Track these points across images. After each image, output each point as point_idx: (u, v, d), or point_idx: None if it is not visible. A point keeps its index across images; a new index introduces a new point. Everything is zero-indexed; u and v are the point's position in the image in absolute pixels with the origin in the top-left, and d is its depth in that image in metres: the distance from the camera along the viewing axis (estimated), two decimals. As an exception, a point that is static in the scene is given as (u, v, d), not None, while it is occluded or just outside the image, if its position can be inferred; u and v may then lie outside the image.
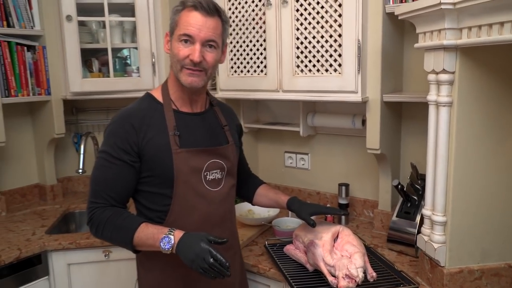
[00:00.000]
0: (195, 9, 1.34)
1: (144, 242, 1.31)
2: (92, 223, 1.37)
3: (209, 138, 1.47)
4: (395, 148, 2.04)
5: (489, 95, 1.37)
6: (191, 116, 1.46)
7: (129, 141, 1.35)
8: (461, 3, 1.20)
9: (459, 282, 1.43)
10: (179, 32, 1.35)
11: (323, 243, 1.53)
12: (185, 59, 1.35)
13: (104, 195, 1.37)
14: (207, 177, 1.45)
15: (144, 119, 1.38)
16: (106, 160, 1.37)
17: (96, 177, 1.39)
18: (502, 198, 1.43)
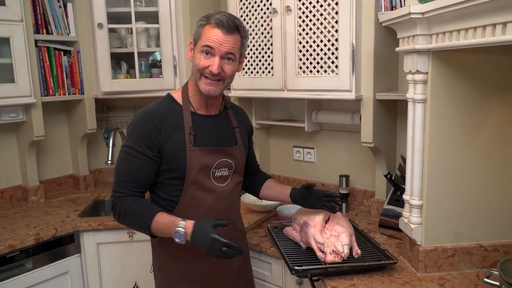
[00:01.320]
0: (217, 26, 1.47)
1: (160, 231, 1.49)
2: (115, 210, 1.53)
3: (221, 138, 1.64)
4: (391, 143, 2.21)
5: (459, 93, 1.54)
6: (206, 118, 1.62)
7: (151, 138, 1.51)
8: (428, 12, 1.38)
9: (434, 259, 1.61)
10: (202, 44, 1.49)
11: (315, 224, 1.73)
12: (204, 69, 1.50)
13: (127, 185, 1.52)
14: (216, 174, 1.61)
15: (165, 118, 1.53)
16: (130, 154, 1.52)
17: (120, 169, 1.55)
18: (472, 185, 1.60)
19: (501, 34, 1.10)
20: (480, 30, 1.19)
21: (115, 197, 1.54)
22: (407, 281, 1.56)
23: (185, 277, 1.63)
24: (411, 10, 1.40)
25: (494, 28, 1.13)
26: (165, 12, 2.70)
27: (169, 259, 1.64)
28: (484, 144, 1.59)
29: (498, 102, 1.57)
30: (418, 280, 1.57)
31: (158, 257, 1.68)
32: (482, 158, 1.59)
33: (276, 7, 2.15)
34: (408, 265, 1.68)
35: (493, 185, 1.61)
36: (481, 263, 1.63)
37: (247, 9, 2.32)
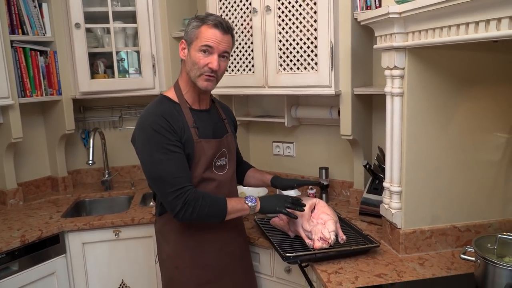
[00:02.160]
0: (215, 27, 1.59)
1: (234, 208, 1.63)
2: (188, 204, 1.55)
3: (216, 130, 1.75)
4: (367, 135, 2.34)
5: (433, 86, 1.67)
6: (201, 112, 1.73)
7: (172, 133, 1.58)
8: (405, 12, 1.49)
9: (413, 241, 1.73)
10: (200, 43, 1.59)
11: (302, 213, 1.82)
12: (204, 67, 1.60)
13: (184, 178, 1.57)
14: (216, 164, 1.73)
15: (172, 117, 1.61)
16: (166, 153, 1.56)
17: (166, 170, 1.56)
18: (446, 172, 1.74)
19: (474, 32, 1.22)
20: (454, 28, 1.30)
21: (182, 194, 1.55)
22: (389, 262, 1.68)
23: (193, 263, 1.73)
24: (389, 10, 1.51)
25: (467, 26, 1.25)
26: (143, 12, 2.73)
27: (178, 247, 1.73)
28: (455, 133, 1.72)
29: (467, 95, 1.71)
30: (399, 260, 1.69)
31: (167, 246, 1.76)
32: (454, 146, 1.73)
33: (256, 7, 2.23)
34: (389, 248, 1.80)
35: (464, 171, 1.75)
36: (455, 243, 1.77)
37: (226, 9, 2.38)
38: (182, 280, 1.73)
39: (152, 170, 1.60)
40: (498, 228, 1.77)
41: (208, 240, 1.73)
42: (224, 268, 1.79)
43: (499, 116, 1.74)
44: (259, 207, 1.69)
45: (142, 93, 2.83)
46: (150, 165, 1.59)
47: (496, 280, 1.35)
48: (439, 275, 1.57)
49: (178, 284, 1.75)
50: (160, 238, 1.80)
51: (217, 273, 1.77)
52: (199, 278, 1.74)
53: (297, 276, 1.93)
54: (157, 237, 1.83)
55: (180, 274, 1.74)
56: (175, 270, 1.75)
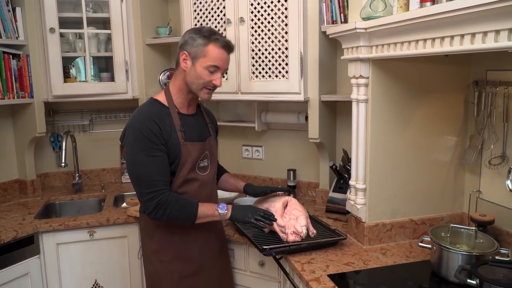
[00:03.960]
0: (223, 48, 1.73)
1: (204, 213, 1.74)
2: (160, 206, 1.66)
3: (201, 133, 1.88)
4: (332, 138, 2.53)
5: (393, 93, 1.87)
6: (188, 116, 1.84)
7: (159, 137, 1.68)
8: (370, 28, 1.68)
9: (376, 233, 1.92)
10: (209, 63, 1.71)
11: (276, 210, 1.97)
12: (209, 83, 1.75)
13: (161, 182, 1.68)
14: (200, 165, 1.84)
15: (162, 119, 1.72)
16: (150, 155, 1.67)
17: (146, 172, 1.67)
18: (405, 170, 1.94)
19: (430, 47, 1.42)
20: (413, 43, 1.50)
21: (155, 196, 1.66)
22: (356, 253, 1.86)
23: (176, 257, 1.84)
24: (356, 25, 1.70)
25: (424, 42, 1.44)
26: (117, 18, 2.80)
27: (162, 242, 1.84)
28: (413, 136, 1.93)
29: (422, 102, 1.93)
30: (364, 251, 1.87)
31: (152, 241, 1.86)
32: (411, 147, 1.94)
33: (230, 18, 2.37)
34: (355, 240, 1.98)
35: (420, 169, 1.96)
36: (412, 235, 1.97)
37: (201, 19, 2.51)
38: (166, 273, 1.84)
39: (133, 170, 1.71)
40: (449, 221, 1.99)
41: (192, 236, 1.85)
42: (205, 261, 1.90)
43: (449, 121, 1.96)
44: (230, 215, 1.79)
45: (115, 97, 2.89)
46: (132, 164, 1.71)
47: (450, 264, 1.55)
48: (400, 262, 1.76)
49: (163, 277, 1.85)
50: (145, 234, 1.90)
51: (198, 266, 1.88)
52: (182, 271, 1.84)
53: (270, 270, 2.07)
54: (141, 233, 1.93)
55: (164, 268, 1.84)
56: (159, 264, 1.84)
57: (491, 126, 1.82)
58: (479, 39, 1.21)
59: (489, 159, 1.83)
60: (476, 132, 1.93)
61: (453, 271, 1.50)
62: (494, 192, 1.86)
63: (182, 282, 1.85)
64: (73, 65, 3.04)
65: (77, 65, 3.08)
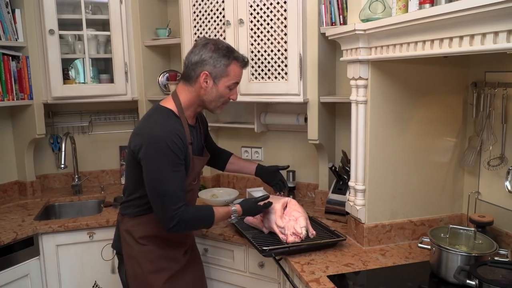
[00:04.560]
0: (243, 67, 1.79)
1: (220, 219, 1.83)
2: (181, 222, 1.66)
3: (201, 146, 1.92)
4: (331, 139, 2.54)
5: (393, 95, 1.88)
6: (193, 127, 1.83)
7: (183, 151, 1.69)
8: (369, 30, 1.69)
9: (375, 234, 1.92)
10: (232, 81, 1.75)
11: (275, 211, 1.97)
12: (227, 99, 1.80)
13: (183, 197, 1.68)
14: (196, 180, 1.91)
15: (180, 133, 1.69)
16: (174, 171, 1.66)
17: (172, 188, 1.65)
18: (404, 171, 1.95)
19: (430, 48, 1.42)
20: (412, 45, 1.50)
21: (177, 213, 1.66)
22: (355, 254, 1.86)
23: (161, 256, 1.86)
24: (355, 27, 1.70)
25: (423, 43, 1.45)
26: (116, 20, 2.81)
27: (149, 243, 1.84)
28: (412, 137, 1.94)
29: (421, 103, 1.93)
30: (364, 252, 1.88)
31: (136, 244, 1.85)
32: (410, 149, 1.95)
33: (230, 19, 2.38)
34: (354, 241, 1.99)
35: (419, 171, 1.97)
36: (411, 236, 1.97)
37: (200, 20, 2.51)
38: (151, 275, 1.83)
39: (158, 186, 1.66)
40: (448, 222, 1.99)
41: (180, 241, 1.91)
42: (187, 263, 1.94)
43: (447, 123, 1.97)
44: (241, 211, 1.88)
45: (115, 99, 2.90)
46: (157, 180, 1.65)
47: (449, 265, 1.56)
48: (399, 263, 1.76)
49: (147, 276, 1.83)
50: (127, 236, 1.85)
51: (182, 267, 1.90)
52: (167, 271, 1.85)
53: (269, 271, 2.07)
54: (123, 235, 1.87)
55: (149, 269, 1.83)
56: (145, 265, 1.82)
57: (490, 128, 1.83)
58: (478, 41, 1.21)
59: (488, 160, 1.84)
60: (475, 134, 1.94)
61: (452, 271, 1.51)
62: (493, 193, 1.87)
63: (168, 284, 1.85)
64: (71, 67, 3.04)
65: (75, 67, 3.09)
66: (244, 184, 2.91)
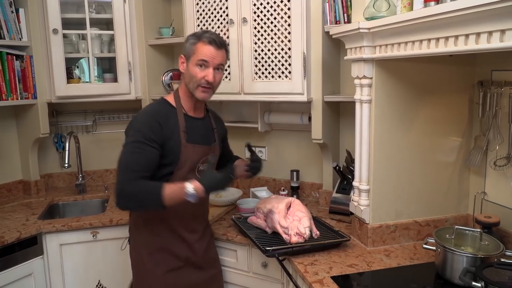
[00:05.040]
0: (209, 43, 1.76)
1: (171, 197, 1.67)
2: (124, 194, 1.67)
3: (206, 137, 1.91)
4: (335, 139, 2.52)
5: (398, 95, 1.86)
6: (195, 119, 1.89)
7: (156, 133, 1.72)
8: (373, 28, 1.67)
9: (380, 235, 1.91)
10: (197, 58, 1.76)
11: (279, 211, 1.96)
12: (201, 80, 1.77)
13: (135, 172, 1.68)
14: (199, 168, 1.89)
15: (165, 118, 1.78)
16: (138, 147, 1.70)
17: (128, 161, 1.70)
18: (408, 171, 1.93)
19: (435, 47, 1.40)
20: (417, 43, 1.48)
21: (122, 183, 1.68)
22: (359, 254, 1.84)
23: (165, 250, 1.89)
24: (360, 25, 1.68)
25: (428, 42, 1.43)
26: (120, 19, 2.80)
27: (150, 235, 1.89)
28: (416, 136, 1.92)
29: (426, 102, 1.91)
30: (368, 253, 1.86)
31: (140, 234, 1.92)
32: (415, 148, 1.92)
33: (233, 18, 2.36)
34: (358, 242, 1.97)
35: (424, 171, 1.95)
36: (416, 236, 1.95)
37: (204, 19, 2.50)
38: (154, 265, 1.88)
39: (121, 158, 1.74)
40: (453, 223, 1.97)
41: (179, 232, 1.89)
42: (190, 259, 1.93)
43: (453, 122, 1.95)
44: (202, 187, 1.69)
45: (118, 98, 2.89)
46: (122, 153, 1.75)
47: (455, 266, 1.54)
48: (404, 264, 1.74)
49: (149, 268, 1.88)
50: (133, 227, 1.95)
51: (183, 263, 1.91)
52: (169, 265, 1.88)
53: (273, 271, 2.06)
54: (130, 225, 1.98)
55: (152, 260, 1.88)
56: (146, 256, 1.89)
57: (497, 127, 1.80)
58: (484, 39, 1.19)
59: (494, 160, 1.82)
60: (481, 133, 1.92)
61: (457, 273, 1.49)
62: (499, 193, 1.84)
63: (167, 276, 1.88)
64: (77, 66, 3.04)
65: (81, 66, 3.08)
66: (248, 183, 2.89)
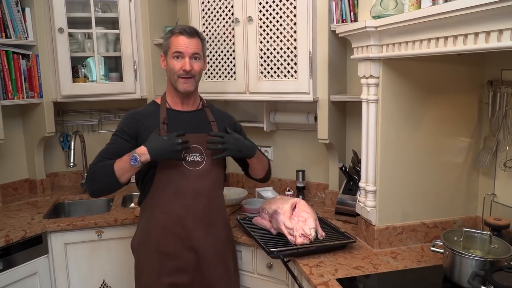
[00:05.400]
0: (180, 34, 1.82)
1: (122, 168, 1.73)
2: (88, 176, 1.81)
3: (195, 129, 1.87)
4: (341, 139, 2.49)
5: (405, 94, 1.83)
6: (181, 112, 1.91)
7: (129, 127, 1.84)
8: (380, 26, 1.64)
9: (386, 236, 1.88)
10: (172, 51, 1.82)
11: (284, 212, 1.94)
12: (179, 70, 1.82)
13: (103, 158, 1.81)
14: (187, 159, 1.84)
15: (145, 114, 1.88)
16: (112, 140, 1.86)
17: (101, 151, 1.85)
18: (415, 172, 1.89)
19: (443, 46, 1.37)
20: (425, 42, 1.46)
21: (89, 168, 1.83)
22: (365, 256, 1.82)
23: (158, 249, 1.86)
24: (366, 24, 1.66)
25: (437, 41, 1.40)
26: (125, 18, 2.79)
27: (146, 234, 1.89)
28: (423, 137, 1.89)
29: (433, 102, 1.88)
30: (374, 254, 1.83)
31: (138, 232, 1.95)
32: (422, 148, 1.89)
33: (238, 16, 2.34)
34: (365, 243, 1.94)
35: (432, 171, 1.91)
36: (424, 238, 1.92)
37: (209, 18, 2.49)
38: (148, 265, 1.88)
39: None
40: (462, 224, 1.94)
41: (173, 231, 1.84)
42: (191, 261, 1.86)
43: (462, 122, 1.91)
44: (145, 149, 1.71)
45: (124, 97, 2.89)
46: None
47: (463, 269, 1.50)
48: (411, 266, 1.72)
49: (146, 268, 1.88)
50: (137, 227, 1.98)
51: (180, 264, 1.85)
52: (162, 265, 1.85)
53: (278, 272, 2.04)
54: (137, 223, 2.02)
55: (147, 259, 1.88)
56: (143, 255, 1.90)
57: (507, 127, 1.77)
58: (494, 38, 1.17)
59: (504, 161, 1.78)
60: (490, 134, 1.88)
61: (466, 277, 1.45)
62: (509, 195, 1.81)
63: (162, 278, 1.85)
64: (84, 65, 3.04)
65: (88, 65, 3.07)
66: (253, 183, 2.86)
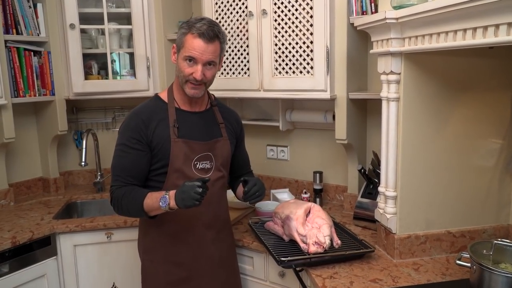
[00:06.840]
0: (198, 36, 1.59)
1: (151, 207, 1.60)
2: (114, 202, 1.68)
3: (204, 133, 1.76)
4: (361, 139, 2.34)
5: (428, 91, 1.67)
6: (191, 114, 1.76)
7: (141, 133, 1.66)
8: (402, 18, 1.50)
9: (408, 246, 1.73)
10: (185, 53, 1.62)
11: (297, 217, 1.82)
12: (189, 76, 1.64)
13: (122, 178, 1.67)
14: (197, 166, 1.74)
15: (152, 114, 1.70)
16: (123, 150, 1.67)
17: (114, 165, 1.70)
18: (440, 176, 1.74)
19: (471, 38, 1.23)
20: (451, 34, 1.31)
21: (112, 191, 1.68)
22: (384, 267, 1.68)
23: (165, 259, 1.78)
24: (386, 15, 1.51)
25: (464, 32, 1.25)
26: (138, 14, 2.71)
27: (154, 241, 1.79)
28: (450, 138, 1.73)
29: (461, 100, 1.72)
30: (394, 266, 1.69)
31: (145, 239, 1.83)
32: (448, 151, 1.74)
33: (252, 10, 2.23)
34: (384, 253, 1.80)
35: (459, 176, 1.76)
36: (449, 249, 1.77)
37: (222, 12, 2.38)
38: (155, 274, 1.78)
39: (112, 160, 1.73)
40: (492, 234, 1.78)
41: (183, 239, 1.76)
42: (198, 270, 1.79)
43: (493, 122, 1.75)
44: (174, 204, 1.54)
45: (136, 94, 2.81)
46: (113, 155, 1.72)
47: (493, 286, 1.36)
48: (434, 280, 1.57)
49: (151, 278, 1.80)
50: (141, 231, 1.86)
51: (189, 273, 1.78)
52: (169, 275, 1.77)
53: (291, 281, 1.92)
54: (139, 229, 1.89)
55: (153, 268, 1.79)
56: (149, 264, 1.81)
57: (543, 128, 1.60)
58: (531, 28, 1.02)
59: (540, 165, 1.62)
60: (524, 135, 1.71)
61: (496, 295, 1.31)
62: (545, 203, 1.64)
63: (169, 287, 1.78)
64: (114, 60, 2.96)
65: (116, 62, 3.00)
66: (269, 184, 2.76)
